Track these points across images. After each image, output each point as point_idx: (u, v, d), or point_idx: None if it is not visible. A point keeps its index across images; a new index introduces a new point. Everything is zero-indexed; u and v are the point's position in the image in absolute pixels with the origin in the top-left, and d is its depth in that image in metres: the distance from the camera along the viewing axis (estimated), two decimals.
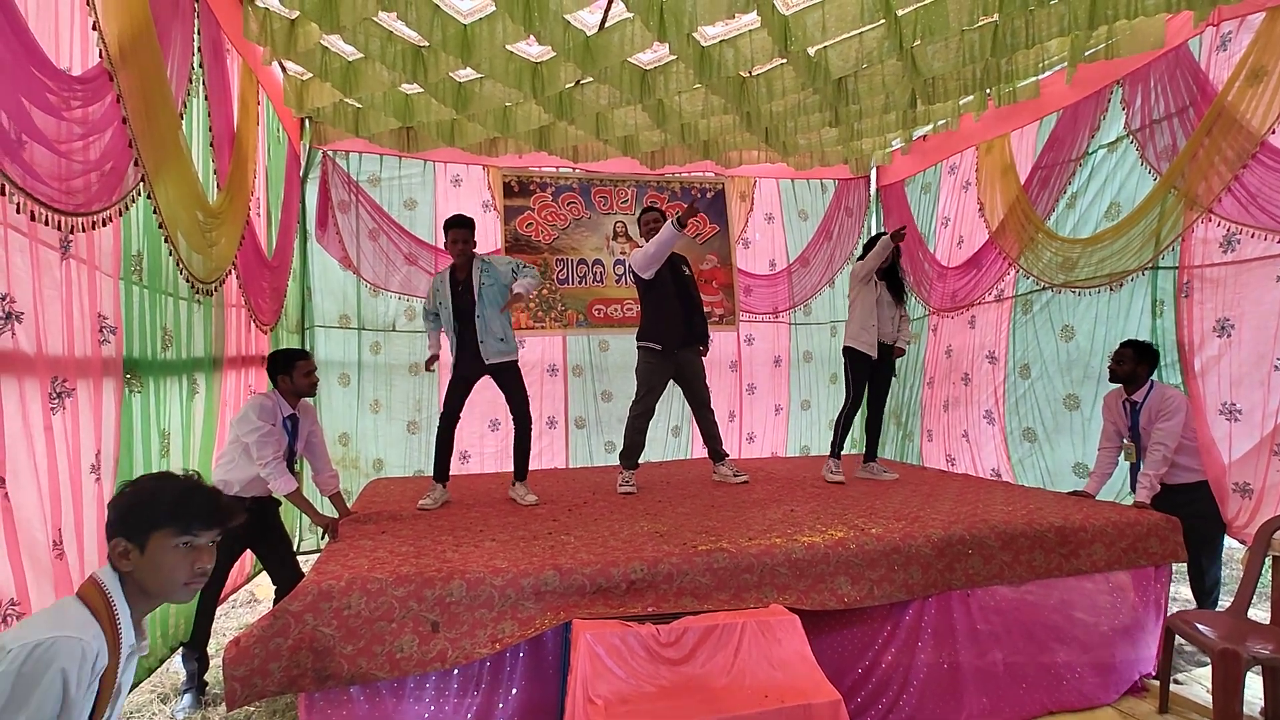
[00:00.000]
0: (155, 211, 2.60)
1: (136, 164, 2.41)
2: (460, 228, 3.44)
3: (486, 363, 3.50)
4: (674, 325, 3.89)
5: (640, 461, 4.00)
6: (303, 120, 5.01)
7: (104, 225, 2.24)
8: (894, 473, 4.12)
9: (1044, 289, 4.48)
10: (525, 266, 3.56)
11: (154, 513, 1.30)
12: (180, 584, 1.31)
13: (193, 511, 1.32)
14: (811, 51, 3.75)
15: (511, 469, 3.67)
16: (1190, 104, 3.48)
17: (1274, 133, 3.03)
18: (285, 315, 4.68)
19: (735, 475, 4.01)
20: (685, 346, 3.96)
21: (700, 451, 5.98)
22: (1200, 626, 2.53)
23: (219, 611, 3.23)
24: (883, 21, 3.38)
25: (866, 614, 2.59)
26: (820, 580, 2.51)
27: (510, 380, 3.59)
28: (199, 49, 3.05)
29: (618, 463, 3.99)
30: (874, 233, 5.55)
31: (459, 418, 3.58)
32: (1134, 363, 3.24)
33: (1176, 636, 2.67)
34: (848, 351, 4.04)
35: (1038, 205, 4.47)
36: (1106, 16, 3.21)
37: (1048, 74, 4.27)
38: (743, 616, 2.28)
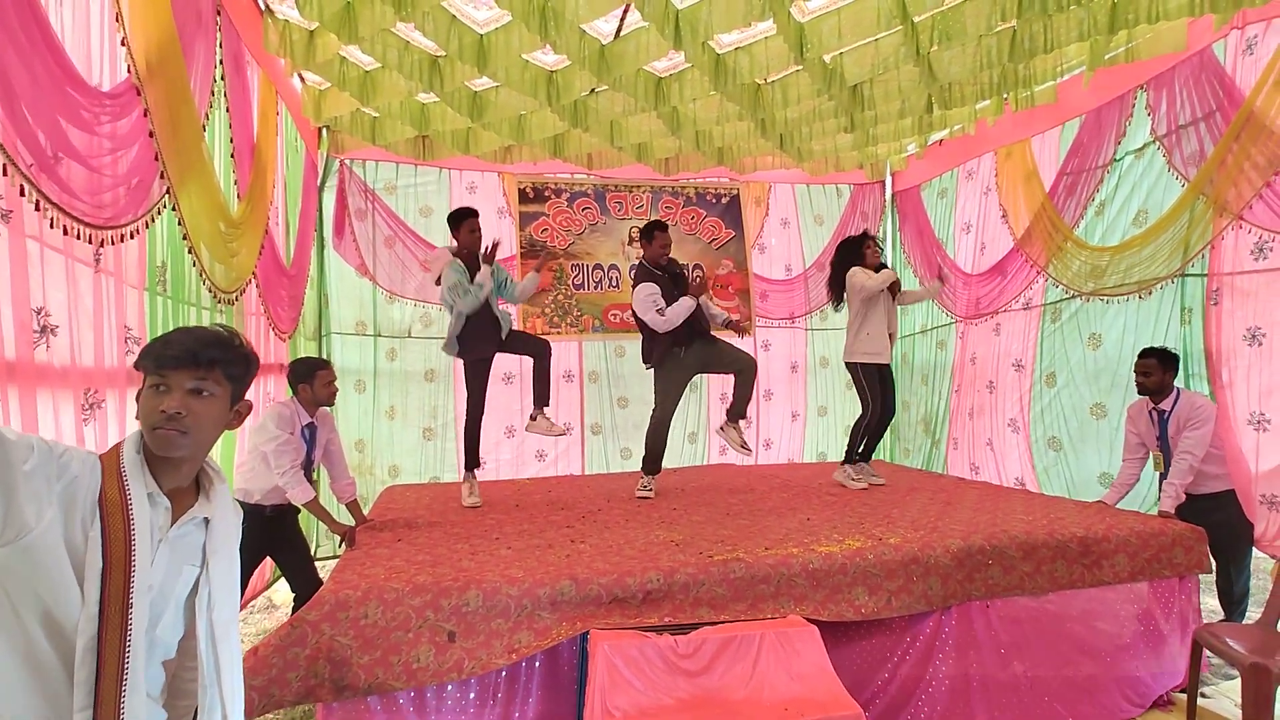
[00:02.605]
0: (180, 223, 2.64)
1: (162, 176, 2.45)
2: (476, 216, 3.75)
3: (503, 336, 3.73)
4: (678, 335, 3.82)
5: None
6: (320, 129, 5.07)
7: (131, 238, 2.28)
8: (864, 484, 3.97)
9: (1073, 297, 4.42)
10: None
11: (142, 355, 1.22)
12: (150, 428, 1.18)
13: (164, 349, 1.20)
14: (827, 58, 3.73)
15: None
16: (1217, 108, 3.42)
17: None
18: (303, 323, 4.72)
19: (742, 444, 3.89)
20: (693, 342, 3.87)
21: (716, 458, 5.97)
22: (1229, 640, 2.48)
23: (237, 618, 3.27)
24: (899, 28, 3.36)
25: (885, 625, 2.56)
26: (838, 591, 2.49)
27: (522, 336, 3.85)
28: (221, 61, 3.09)
29: (635, 469, 3.97)
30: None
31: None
32: (1161, 372, 3.19)
33: (1204, 650, 2.62)
34: (855, 365, 4.00)
35: (1065, 213, 4.40)
36: (1127, 21, 3.17)
37: (1066, 78, 4.22)
38: (760, 627, 2.27)
